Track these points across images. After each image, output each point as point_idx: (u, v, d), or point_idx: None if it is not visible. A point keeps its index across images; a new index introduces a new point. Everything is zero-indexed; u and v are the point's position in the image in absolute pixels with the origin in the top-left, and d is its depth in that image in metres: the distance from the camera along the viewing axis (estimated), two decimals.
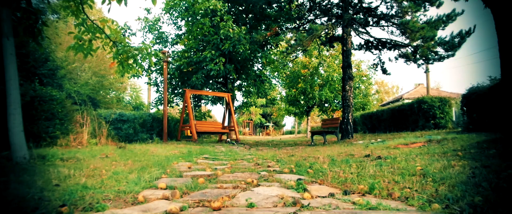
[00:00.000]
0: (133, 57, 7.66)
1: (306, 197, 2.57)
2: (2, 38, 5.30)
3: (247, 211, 2.10)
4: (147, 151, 8.00)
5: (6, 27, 5.28)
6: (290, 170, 4.40)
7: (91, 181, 3.19)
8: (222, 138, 17.96)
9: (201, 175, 3.92)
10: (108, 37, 7.36)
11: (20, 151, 4.97)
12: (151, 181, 3.43)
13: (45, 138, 8.56)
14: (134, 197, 2.62)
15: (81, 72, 22.82)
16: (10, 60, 5.22)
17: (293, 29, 17.59)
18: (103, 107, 20.92)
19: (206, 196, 2.66)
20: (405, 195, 2.57)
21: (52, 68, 18.08)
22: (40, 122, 8.64)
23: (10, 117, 5.08)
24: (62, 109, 9.39)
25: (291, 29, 18.00)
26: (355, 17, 14.98)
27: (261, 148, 12.70)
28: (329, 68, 28.46)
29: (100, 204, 2.28)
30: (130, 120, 14.22)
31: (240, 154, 8.44)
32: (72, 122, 9.89)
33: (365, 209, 2.10)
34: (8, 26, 5.30)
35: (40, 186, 2.83)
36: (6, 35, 5.24)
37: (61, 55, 21.11)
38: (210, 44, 17.43)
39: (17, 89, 5.19)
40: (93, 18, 7.02)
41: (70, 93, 16.50)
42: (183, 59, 18.29)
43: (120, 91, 28.90)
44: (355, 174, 3.64)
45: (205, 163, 5.83)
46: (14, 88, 5.15)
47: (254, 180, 3.37)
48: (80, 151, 6.80)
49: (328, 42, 17.67)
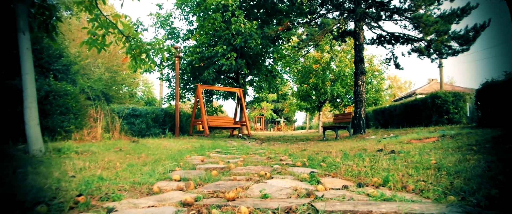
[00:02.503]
0: (146, 52, 7.71)
1: (319, 189, 2.57)
2: (18, 33, 5.38)
3: (262, 202, 2.10)
4: (159, 145, 8.07)
5: (22, 22, 5.36)
6: (303, 163, 4.40)
7: (106, 173, 3.24)
8: (233, 133, 18.01)
9: (214, 168, 3.94)
10: (121, 33, 7.41)
11: (36, 144, 5.05)
12: (165, 173, 3.47)
13: (60, 132, 8.69)
14: (149, 188, 2.65)
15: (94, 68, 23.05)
16: (26, 55, 5.30)
17: (305, 24, 17.49)
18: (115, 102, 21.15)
19: (220, 187, 2.67)
20: (420, 187, 2.55)
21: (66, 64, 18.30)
22: (55, 116, 8.77)
23: (26, 110, 5.16)
24: (76, 103, 9.52)
25: (302, 23, 17.91)
26: (368, 11, 14.84)
27: (273, 142, 12.70)
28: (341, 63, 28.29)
29: (116, 194, 2.32)
30: (142, 115, 14.34)
31: (252, 149, 8.46)
32: (86, 117, 10.02)
33: (379, 201, 2.09)
34: (24, 21, 5.38)
35: (57, 177, 2.88)
36: (22, 30, 5.32)
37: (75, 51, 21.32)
38: (221, 39, 17.44)
39: (33, 84, 5.27)
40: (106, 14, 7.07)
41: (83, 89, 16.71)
42: (195, 54, 18.34)
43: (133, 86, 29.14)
44: (368, 168, 3.62)
45: (217, 156, 5.86)
46: (30, 82, 5.23)
47: (267, 172, 3.37)
48: (94, 145, 6.88)
49: (340, 37, 17.54)
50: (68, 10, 25.23)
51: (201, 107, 15.26)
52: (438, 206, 1.88)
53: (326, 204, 1.92)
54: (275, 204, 2.01)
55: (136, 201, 2.14)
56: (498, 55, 59.16)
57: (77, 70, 19.84)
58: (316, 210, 1.81)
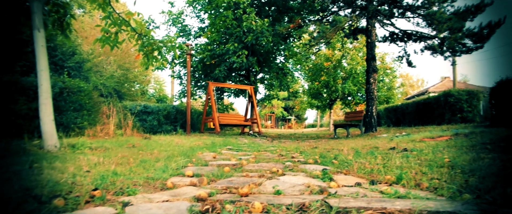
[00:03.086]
0: (158, 50, 7.76)
1: (332, 186, 2.57)
2: (33, 31, 5.46)
3: (275, 198, 2.11)
4: (171, 141, 8.13)
5: (37, 19, 5.43)
6: (315, 160, 4.39)
7: (120, 168, 3.27)
8: (244, 130, 18.04)
9: (226, 164, 3.96)
10: (134, 30, 7.48)
11: (51, 140, 5.13)
12: (178, 169, 3.50)
13: (74, 128, 8.80)
14: (163, 183, 2.67)
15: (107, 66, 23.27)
16: (41, 52, 5.37)
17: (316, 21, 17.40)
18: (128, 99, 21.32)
19: (232, 183, 2.69)
20: (434, 185, 2.53)
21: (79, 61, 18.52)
22: (69, 113, 8.88)
23: (41, 106, 5.24)
24: (90, 100, 9.63)
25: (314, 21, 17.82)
26: (380, 8, 14.71)
27: (284, 140, 12.70)
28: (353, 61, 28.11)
29: (131, 189, 2.34)
30: (154, 112, 14.43)
31: (263, 146, 8.47)
32: (99, 113, 10.13)
33: (393, 198, 2.08)
34: (39, 18, 5.45)
35: (72, 172, 2.92)
36: (37, 28, 5.40)
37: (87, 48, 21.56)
38: (233, 37, 17.47)
39: (48, 80, 5.35)
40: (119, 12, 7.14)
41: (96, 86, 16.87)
42: (206, 52, 18.41)
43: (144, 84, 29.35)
44: (381, 165, 3.60)
45: (229, 153, 5.88)
46: (45, 79, 5.30)
47: (279, 169, 3.38)
48: (107, 141, 6.96)
49: (351, 35, 17.41)
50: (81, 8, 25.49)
51: (212, 104, 15.32)
52: (453, 204, 1.86)
53: (340, 201, 1.92)
54: (288, 200, 2.01)
55: (151, 196, 2.17)
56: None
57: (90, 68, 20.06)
58: (330, 206, 1.81)
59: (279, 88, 24.02)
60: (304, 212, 1.81)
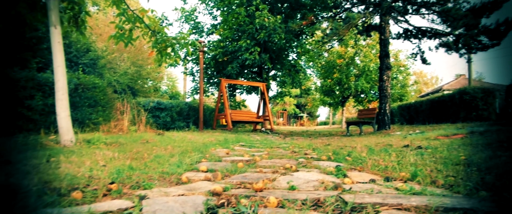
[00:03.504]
0: (171, 46, 7.81)
1: (346, 182, 2.56)
2: (50, 27, 5.54)
3: (289, 193, 2.12)
4: (184, 138, 8.18)
5: (54, 16, 5.51)
6: (328, 157, 4.38)
7: (135, 163, 3.32)
8: (256, 127, 18.06)
9: (240, 160, 3.98)
10: (148, 27, 7.54)
11: (67, 135, 5.21)
12: (192, 164, 3.53)
13: (88, 124, 8.93)
14: (178, 178, 2.70)
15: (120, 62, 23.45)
16: (57, 48, 5.45)
17: (329, 18, 17.32)
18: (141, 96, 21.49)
19: (246, 178, 2.70)
20: (450, 183, 2.50)
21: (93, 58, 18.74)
22: (84, 109, 9.01)
23: (58, 102, 5.32)
24: (104, 96, 9.75)
25: (327, 18, 17.74)
26: (394, 5, 14.56)
27: (296, 137, 12.68)
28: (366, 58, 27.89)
29: (147, 183, 2.38)
30: (167, 108, 14.55)
31: (275, 143, 8.48)
32: (113, 109, 10.26)
33: (409, 194, 2.07)
34: (55, 16, 5.53)
35: (89, 166, 2.97)
36: (54, 25, 5.48)
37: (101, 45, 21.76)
38: (245, 34, 17.47)
39: (64, 76, 5.43)
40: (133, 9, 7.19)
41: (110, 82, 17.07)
42: (219, 49, 18.45)
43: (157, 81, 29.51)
44: (395, 162, 3.57)
45: (242, 149, 5.90)
46: (61, 75, 5.38)
47: (293, 165, 3.38)
48: (122, 137, 7.04)
49: (365, 31, 17.28)
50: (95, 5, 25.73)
51: (225, 101, 15.37)
52: (470, 201, 1.85)
53: (355, 196, 1.91)
54: (303, 195, 2.02)
55: (167, 190, 2.19)
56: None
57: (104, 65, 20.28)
58: (345, 202, 1.81)
59: (291, 86, 23.98)
60: (319, 207, 1.81)
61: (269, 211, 1.70)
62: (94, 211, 1.60)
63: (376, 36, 24.07)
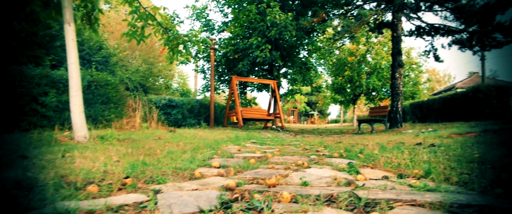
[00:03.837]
0: (183, 44, 7.86)
1: (359, 179, 2.55)
2: (64, 25, 5.61)
3: (302, 189, 2.12)
4: (196, 135, 8.22)
5: (68, 14, 5.58)
6: (340, 154, 4.37)
7: (148, 159, 3.35)
8: (267, 125, 18.06)
9: (252, 156, 3.99)
10: (160, 24, 7.59)
11: (80, 131, 5.28)
12: (205, 160, 3.55)
13: (101, 120, 9.03)
14: (191, 174, 2.72)
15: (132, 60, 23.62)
16: (71, 45, 5.52)
17: (341, 15, 17.20)
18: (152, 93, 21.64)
19: (259, 174, 2.71)
20: (464, 180, 2.48)
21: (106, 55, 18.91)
22: (96, 105, 9.11)
23: (72, 99, 5.39)
24: (116, 93, 9.84)
25: (338, 15, 17.62)
26: (406, 1, 14.41)
27: (307, 135, 12.66)
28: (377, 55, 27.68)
29: (161, 178, 2.40)
30: (178, 106, 14.63)
31: (286, 140, 8.47)
32: (125, 106, 10.35)
33: (423, 191, 2.06)
34: (70, 13, 5.59)
35: (103, 161, 3.00)
36: (68, 22, 5.54)
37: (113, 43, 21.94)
38: (256, 31, 17.46)
39: (78, 73, 5.49)
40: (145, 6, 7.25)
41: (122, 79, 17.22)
42: (230, 46, 18.48)
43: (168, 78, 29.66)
44: (408, 160, 3.55)
45: (253, 146, 5.91)
46: (75, 72, 5.45)
47: (305, 162, 3.38)
48: (134, 133, 7.11)
49: (376, 29, 17.12)
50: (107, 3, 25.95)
51: (236, 98, 15.40)
52: (485, 198, 1.83)
53: (369, 192, 1.91)
54: (316, 191, 2.02)
55: (180, 185, 2.22)
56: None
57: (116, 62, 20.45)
58: (359, 197, 1.81)
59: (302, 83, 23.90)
60: (332, 202, 1.81)
61: (283, 206, 1.70)
62: (110, 204, 1.63)
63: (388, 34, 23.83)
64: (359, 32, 19.04)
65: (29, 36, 11.13)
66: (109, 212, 1.54)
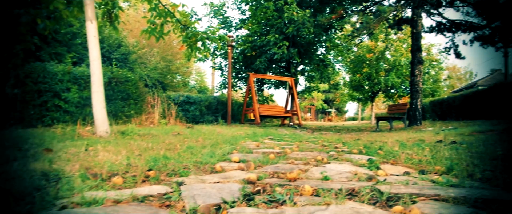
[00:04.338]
0: (201, 41, 7.92)
1: (380, 174, 2.54)
2: (86, 22, 5.72)
3: (323, 183, 2.12)
4: (213, 131, 8.28)
5: (90, 11, 5.68)
6: (359, 151, 4.34)
7: (169, 153, 3.40)
8: (284, 122, 18.05)
9: (270, 152, 4.00)
10: (179, 21, 7.67)
11: (102, 126, 5.38)
12: (224, 155, 3.58)
13: (121, 116, 9.18)
14: (211, 167, 2.75)
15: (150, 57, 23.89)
16: (93, 42, 5.63)
17: (359, 12, 17.01)
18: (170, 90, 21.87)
19: (279, 169, 2.72)
20: (487, 176, 2.44)
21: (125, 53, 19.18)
22: (117, 102, 9.26)
23: (94, 94, 5.50)
24: (136, 90, 9.99)
25: (356, 11, 17.44)
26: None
27: (324, 132, 12.61)
28: (396, 52, 27.31)
29: (183, 170, 2.44)
30: (196, 102, 14.75)
31: (304, 137, 8.46)
32: (144, 103, 10.50)
33: (446, 186, 2.03)
34: (92, 10, 5.70)
35: (125, 155, 3.06)
36: (90, 19, 5.65)
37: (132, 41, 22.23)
38: (273, 28, 17.44)
39: (100, 70, 5.60)
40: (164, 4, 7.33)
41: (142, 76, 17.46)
42: (247, 43, 18.52)
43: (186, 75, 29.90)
44: (429, 156, 3.51)
45: (271, 143, 5.93)
46: (97, 68, 5.55)
47: (324, 158, 3.37)
48: (153, 129, 7.21)
49: (396, 25, 16.88)
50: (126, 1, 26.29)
51: (253, 95, 15.43)
52: (510, 193, 1.80)
53: (391, 187, 1.90)
54: (337, 185, 2.02)
55: (202, 177, 2.25)
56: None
57: (134, 59, 20.73)
58: (381, 192, 1.80)
59: (319, 80, 23.79)
60: (354, 196, 1.81)
61: (305, 198, 1.71)
62: (136, 195, 1.66)
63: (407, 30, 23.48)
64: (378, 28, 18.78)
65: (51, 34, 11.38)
66: (135, 202, 1.58)
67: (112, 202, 1.53)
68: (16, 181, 1.78)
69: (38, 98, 8.01)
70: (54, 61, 9.62)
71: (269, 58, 17.89)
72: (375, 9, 14.91)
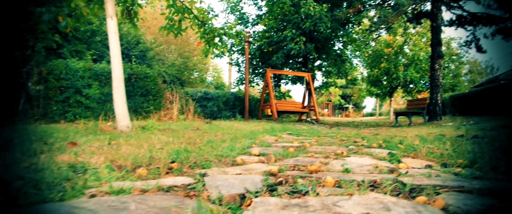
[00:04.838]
0: (219, 36, 7.96)
1: (401, 167, 2.53)
2: (107, 19, 5.82)
3: (344, 175, 2.13)
4: (232, 126, 8.33)
5: (110, 8, 5.78)
6: (379, 145, 4.32)
7: (190, 147, 3.45)
8: (301, 117, 18.01)
9: (290, 146, 4.02)
10: (196, 18, 7.72)
11: (123, 121, 5.48)
12: (244, 149, 3.62)
13: (141, 112, 9.32)
14: (232, 160, 2.79)
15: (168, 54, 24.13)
16: (113, 38, 5.72)
17: (377, 6, 16.80)
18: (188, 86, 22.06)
19: (299, 162, 2.74)
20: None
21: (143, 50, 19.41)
22: (136, 97, 9.40)
23: (115, 90, 5.59)
24: (155, 86, 10.12)
25: (374, 5, 17.24)
26: None
27: (342, 127, 12.54)
28: (415, 47, 26.86)
29: (205, 163, 2.48)
30: (214, 98, 14.85)
31: (322, 132, 8.44)
32: (163, 98, 10.63)
33: (470, 178, 2.02)
34: (112, 7, 5.79)
35: (148, 148, 3.12)
36: (110, 16, 5.74)
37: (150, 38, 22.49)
38: (290, 24, 17.37)
39: (120, 66, 5.69)
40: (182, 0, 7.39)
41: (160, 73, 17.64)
42: (264, 39, 18.50)
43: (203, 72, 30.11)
44: (450, 150, 3.47)
45: (290, 137, 5.94)
46: (117, 64, 5.65)
47: (344, 151, 3.37)
48: (173, 124, 7.29)
49: (414, 19, 16.64)
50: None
51: (270, 91, 15.43)
52: None
53: (413, 179, 1.90)
54: (359, 177, 2.03)
55: (224, 169, 2.28)
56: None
57: (152, 56, 20.96)
58: (404, 183, 1.80)
59: (337, 76, 23.61)
60: (376, 188, 1.82)
61: (327, 189, 1.72)
62: (161, 185, 1.71)
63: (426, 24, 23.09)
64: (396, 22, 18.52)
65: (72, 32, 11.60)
66: (161, 192, 1.62)
67: (139, 191, 1.58)
68: (45, 172, 1.84)
69: (60, 95, 8.20)
70: (75, 58, 9.82)
71: (286, 53, 17.85)
72: (393, 3, 14.72)
